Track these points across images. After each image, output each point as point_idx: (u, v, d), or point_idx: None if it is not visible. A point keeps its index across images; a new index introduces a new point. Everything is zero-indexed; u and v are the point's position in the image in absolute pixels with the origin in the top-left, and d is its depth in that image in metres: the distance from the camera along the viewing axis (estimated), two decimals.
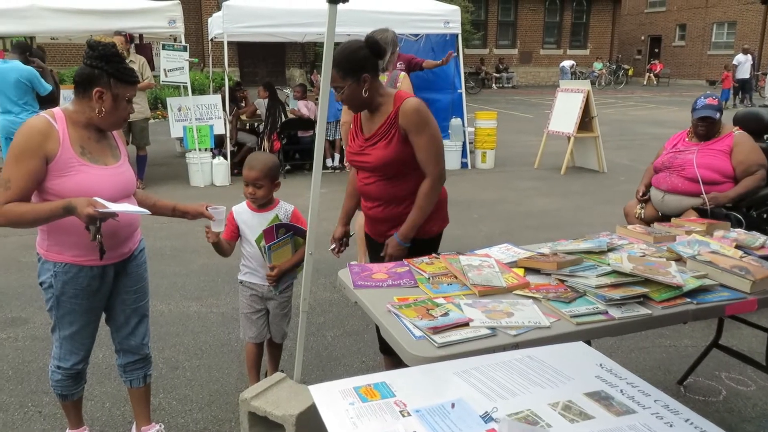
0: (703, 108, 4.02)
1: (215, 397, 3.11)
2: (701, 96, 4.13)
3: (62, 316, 2.34)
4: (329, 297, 4.34)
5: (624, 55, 33.43)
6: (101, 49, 2.14)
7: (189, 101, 8.21)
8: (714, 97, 4.10)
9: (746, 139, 3.98)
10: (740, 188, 3.88)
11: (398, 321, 1.93)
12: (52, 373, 2.48)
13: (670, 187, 4.07)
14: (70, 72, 16.46)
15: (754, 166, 3.88)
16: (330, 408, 1.27)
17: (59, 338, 2.40)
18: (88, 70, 2.14)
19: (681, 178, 4.01)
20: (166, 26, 7.90)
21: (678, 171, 4.04)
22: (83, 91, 2.15)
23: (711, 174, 3.93)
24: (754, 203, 3.95)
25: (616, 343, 3.61)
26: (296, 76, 23.60)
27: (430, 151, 2.54)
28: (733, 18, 29.70)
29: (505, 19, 30.58)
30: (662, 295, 2.07)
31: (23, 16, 7.20)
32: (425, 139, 2.53)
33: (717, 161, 3.94)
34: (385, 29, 4.48)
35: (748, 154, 3.91)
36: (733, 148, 3.95)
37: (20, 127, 2.14)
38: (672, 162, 4.10)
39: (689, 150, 4.07)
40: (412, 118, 2.51)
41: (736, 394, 3.11)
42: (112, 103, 2.16)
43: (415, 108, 2.52)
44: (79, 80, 2.16)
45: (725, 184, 3.93)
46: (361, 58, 2.49)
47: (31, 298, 4.35)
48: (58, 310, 2.33)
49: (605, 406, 1.29)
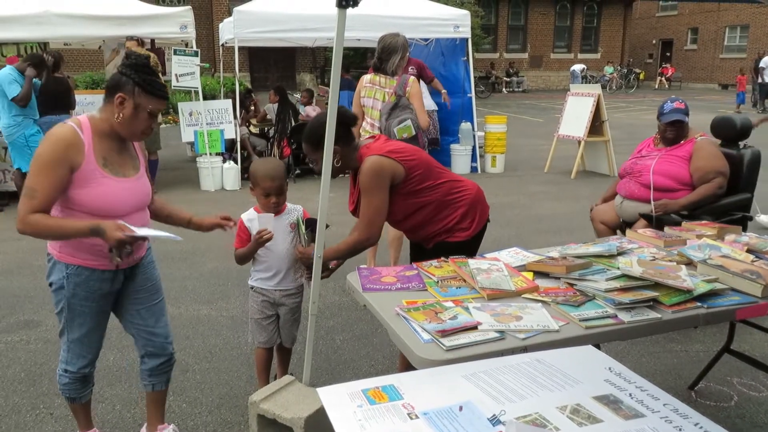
0: (672, 112, 3.90)
1: (225, 400, 3.12)
2: (667, 100, 4.01)
3: (72, 319, 2.34)
4: (338, 300, 4.35)
5: (635, 59, 33.29)
6: (134, 58, 2.20)
7: (200, 106, 8.26)
8: (680, 101, 3.99)
9: (707, 145, 3.84)
10: (693, 196, 3.74)
11: (407, 324, 1.93)
12: (60, 376, 2.49)
13: (627, 193, 4.01)
14: (84, 77, 16.62)
15: (712, 173, 3.73)
16: (338, 410, 1.27)
17: (67, 341, 2.41)
18: (117, 76, 2.18)
19: (638, 185, 3.93)
20: (178, 32, 7.96)
21: (636, 177, 3.96)
22: (109, 96, 2.18)
23: (666, 181, 3.83)
24: (714, 212, 3.74)
25: (626, 348, 3.58)
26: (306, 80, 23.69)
27: (365, 214, 2.71)
28: (746, 21, 29.51)
29: (515, 23, 30.55)
30: (672, 299, 2.06)
31: (37, 22, 7.28)
32: (365, 201, 2.70)
33: (674, 168, 3.84)
34: (395, 34, 4.50)
35: (707, 160, 3.77)
36: (692, 154, 3.82)
37: (47, 135, 2.15)
38: (633, 168, 4.03)
39: (650, 156, 3.99)
40: (361, 179, 2.70)
41: (748, 399, 3.09)
42: (132, 111, 2.17)
43: (365, 170, 2.67)
44: (108, 85, 2.21)
45: (681, 191, 3.81)
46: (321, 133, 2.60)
47: (43, 301, 4.39)
48: (68, 312, 2.33)
49: (614, 409, 1.28)
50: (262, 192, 2.79)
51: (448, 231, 2.76)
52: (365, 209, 2.70)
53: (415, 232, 2.87)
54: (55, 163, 2.09)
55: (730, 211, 3.75)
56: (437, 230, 2.78)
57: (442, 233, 2.77)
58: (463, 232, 2.77)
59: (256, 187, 2.82)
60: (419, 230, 2.83)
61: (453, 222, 2.77)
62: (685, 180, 3.81)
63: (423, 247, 2.89)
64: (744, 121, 4.01)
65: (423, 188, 2.74)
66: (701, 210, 3.75)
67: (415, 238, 2.92)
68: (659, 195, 3.82)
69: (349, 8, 2.48)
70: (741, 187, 3.87)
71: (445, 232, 2.77)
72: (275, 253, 2.83)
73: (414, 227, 2.83)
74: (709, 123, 4.21)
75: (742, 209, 3.81)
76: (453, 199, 2.79)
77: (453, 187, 2.81)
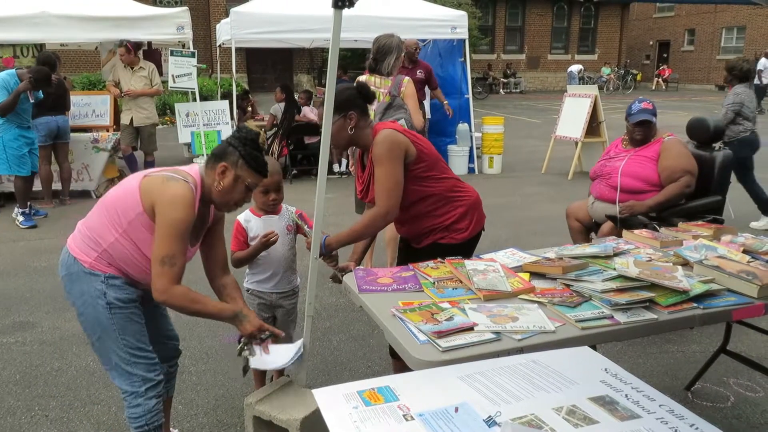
0: (639, 112, 3.85)
1: (221, 402, 3.12)
2: (635, 101, 3.97)
3: (124, 327, 2.16)
4: (335, 301, 4.35)
5: (632, 60, 33.35)
6: (244, 132, 2.22)
7: (197, 107, 8.27)
8: (648, 102, 3.95)
9: (674, 144, 3.81)
10: (660, 196, 3.71)
11: (403, 325, 1.93)
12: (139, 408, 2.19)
13: (598, 195, 3.99)
14: (80, 78, 16.59)
15: (678, 172, 3.69)
16: (333, 412, 1.27)
17: (130, 357, 2.18)
18: (225, 145, 2.19)
19: (607, 186, 3.91)
20: (175, 33, 7.96)
21: (605, 179, 3.95)
22: (213, 163, 2.18)
23: (634, 182, 3.80)
24: (684, 214, 3.68)
25: (623, 349, 3.59)
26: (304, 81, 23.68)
27: (383, 185, 2.60)
28: (742, 23, 29.59)
29: (512, 24, 30.59)
30: (668, 299, 2.06)
31: (34, 23, 7.27)
32: (382, 173, 2.59)
33: (642, 169, 3.81)
34: (390, 34, 4.50)
35: (673, 160, 3.73)
36: (660, 154, 3.79)
37: (175, 198, 2.06)
38: (602, 170, 4.02)
39: (619, 157, 3.96)
40: (377, 150, 2.60)
41: (745, 400, 3.09)
42: (231, 182, 2.16)
43: (381, 140, 2.60)
44: (214, 152, 2.21)
45: (650, 192, 3.77)
46: (347, 97, 2.62)
47: (39, 302, 4.38)
48: (118, 322, 2.15)
49: (610, 410, 1.28)
50: (261, 189, 2.77)
51: (445, 229, 2.74)
52: (383, 180, 2.58)
53: (412, 225, 2.79)
54: (185, 227, 2.07)
55: (701, 213, 3.68)
56: (435, 225, 2.73)
57: (439, 231, 2.73)
58: (459, 234, 2.74)
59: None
60: (418, 222, 2.77)
61: (451, 220, 2.74)
62: (654, 181, 3.78)
63: (413, 248, 2.84)
64: (717, 123, 3.98)
65: (429, 176, 2.70)
66: (670, 212, 3.71)
67: (410, 233, 2.84)
68: (628, 197, 3.79)
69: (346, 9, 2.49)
70: (713, 190, 3.82)
71: (442, 229, 2.74)
72: (272, 255, 2.82)
73: (414, 218, 2.76)
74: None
75: (713, 211, 3.73)
76: (454, 197, 2.77)
77: (456, 186, 2.80)
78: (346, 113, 2.59)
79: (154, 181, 2.12)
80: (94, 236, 2.16)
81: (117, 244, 2.13)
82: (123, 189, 2.18)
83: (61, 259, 2.25)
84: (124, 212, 2.11)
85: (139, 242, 2.12)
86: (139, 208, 2.09)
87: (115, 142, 7.63)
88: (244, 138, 2.19)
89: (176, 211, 2.04)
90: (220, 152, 2.18)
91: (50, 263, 5.21)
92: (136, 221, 2.10)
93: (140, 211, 2.09)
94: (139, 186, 2.11)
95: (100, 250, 2.14)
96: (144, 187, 2.10)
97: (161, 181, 2.11)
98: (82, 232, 2.21)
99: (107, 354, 2.20)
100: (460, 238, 2.74)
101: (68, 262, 2.19)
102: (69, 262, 2.19)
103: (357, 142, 2.71)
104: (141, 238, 2.12)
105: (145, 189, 2.10)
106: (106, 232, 2.13)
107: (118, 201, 2.15)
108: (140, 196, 2.09)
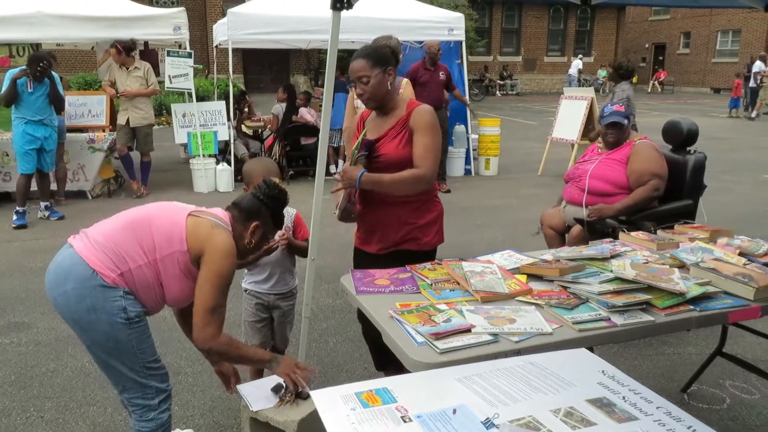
0: (611, 115, 3.84)
1: (217, 403, 3.11)
2: (608, 104, 3.97)
3: (142, 341, 2.12)
4: (332, 303, 4.34)
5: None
6: (276, 191, 2.27)
7: (193, 107, 8.24)
8: (620, 104, 3.95)
9: (644, 148, 3.77)
10: (628, 200, 3.67)
11: (400, 327, 1.93)
12: (147, 421, 2.19)
13: (569, 198, 3.95)
14: (76, 78, 16.54)
15: (647, 175, 3.66)
16: (331, 413, 1.27)
17: (146, 370, 2.15)
18: (257, 203, 2.23)
19: (577, 189, 3.87)
20: (171, 33, 7.94)
21: (576, 182, 3.91)
22: (245, 219, 2.21)
23: (603, 185, 3.77)
24: (655, 218, 3.64)
25: (619, 351, 3.59)
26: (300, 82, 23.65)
27: (431, 151, 2.60)
28: (737, 26, 29.68)
29: (509, 26, 30.62)
30: (665, 302, 2.06)
31: (30, 23, 7.23)
32: (429, 140, 2.60)
33: (612, 172, 3.78)
34: (388, 36, 4.49)
35: (642, 163, 3.70)
36: (630, 157, 3.76)
37: (225, 247, 2.08)
38: (575, 173, 3.98)
39: (592, 160, 3.94)
40: (426, 117, 2.62)
41: (740, 402, 3.10)
42: (260, 239, 2.26)
43: (429, 110, 2.66)
44: (247, 208, 2.23)
45: (619, 195, 3.73)
46: (386, 53, 2.66)
47: (34, 303, 4.37)
48: (138, 337, 2.10)
49: (607, 412, 1.28)
50: None
51: (417, 228, 2.68)
52: (432, 147, 2.59)
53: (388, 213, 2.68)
54: (229, 279, 2.11)
55: (672, 216, 3.60)
56: (411, 222, 2.67)
57: (412, 230, 2.67)
58: (426, 237, 2.69)
59: (253, 183, 2.79)
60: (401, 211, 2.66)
61: (426, 220, 2.70)
62: (622, 183, 3.75)
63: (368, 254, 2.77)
64: (691, 127, 3.93)
65: None
66: (640, 215, 3.67)
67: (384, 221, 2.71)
68: (597, 199, 3.74)
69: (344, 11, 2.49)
70: (685, 193, 3.78)
71: (414, 228, 2.68)
72: (270, 256, 2.82)
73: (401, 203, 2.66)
74: (700, 127, 4.21)
75: (685, 215, 3.64)
76: (431, 200, 2.75)
77: (435, 192, 2.79)
78: (385, 68, 2.60)
79: (203, 225, 2.11)
80: (120, 253, 2.05)
81: (143, 269, 2.07)
82: (166, 218, 2.13)
83: (67, 268, 2.07)
84: (164, 243, 2.08)
85: (166, 275, 2.10)
86: (183, 246, 2.08)
87: (111, 142, 7.60)
88: (276, 198, 2.27)
89: (227, 263, 2.08)
90: (253, 209, 2.22)
91: (45, 263, 5.15)
92: (173, 256, 2.08)
93: (183, 249, 2.08)
94: (186, 224, 2.10)
95: (124, 269, 2.05)
96: (191, 228, 2.09)
97: (210, 226, 2.11)
98: (102, 245, 2.07)
99: (117, 369, 2.12)
100: (426, 241, 2.70)
101: (83, 275, 2.03)
102: (85, 275, 2.03)
103: (390, 98, 2.69)
104: (170, 272, 2.10)
105: (193, 231, 2.09)
106: (136, 254, 2.06)
107: (157, 229, 2.09)
108: (186, 235, 2.08)
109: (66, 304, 2.07)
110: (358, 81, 2.60)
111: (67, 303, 2.06)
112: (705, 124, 16.91)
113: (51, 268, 2.16)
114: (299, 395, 2.27)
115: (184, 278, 2.12)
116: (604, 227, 3.58)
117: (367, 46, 2.70)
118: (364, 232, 2.81)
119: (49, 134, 6.51)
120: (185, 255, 2.08)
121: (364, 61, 2.58)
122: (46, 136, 6.46)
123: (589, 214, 3.70)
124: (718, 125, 16.23)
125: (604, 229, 3.55)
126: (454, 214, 2.64)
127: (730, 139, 13.61)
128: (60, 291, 2.07)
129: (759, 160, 10.67)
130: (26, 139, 6.34)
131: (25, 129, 6.33)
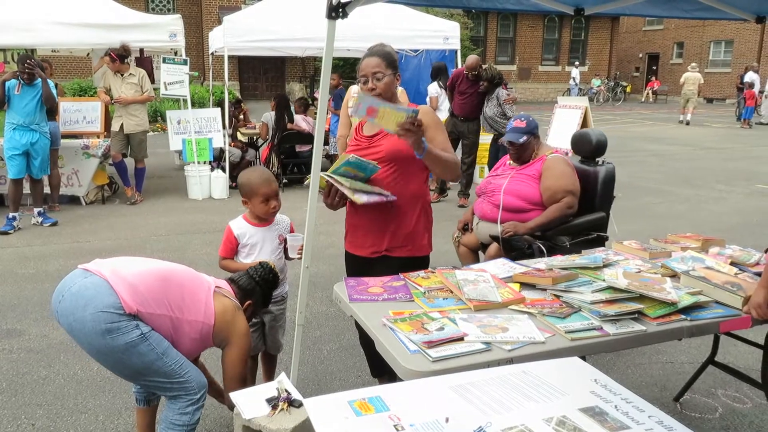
0: (509, 132, 3.73)
1: (209, 411, 3.09)
2: (514, 118, 3.85)
3: (164, 348, 2.22)
4: (326, 311, 4.33)
5: (622, 72, 33.62)
6: (271, 276, 2.60)
7: (188, 114, 8.25)
8: (523, 119, 3.76)
9: (556, 163, 3.64)
10: (542, 218, 3.52)
11: (393, 335, 1.93)
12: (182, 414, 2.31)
13: (481, 214, 3.76)
14: (72, 84, 16.53)
15: (560, 192, 3.53)
16: (324, 422, 1.27)
17: (179, 367, 2.26)
18: (254, 284, 2.55)
19: (490, 205, 3.70)
20: (167, 40, 7.94)
21: (488, 196, 3.74)
22: (243, 297, 2.51)
23: (516, 201, 3.62)
24: (569, 232, 3.57)
25: (612, 360, 3.60)
26: (296, 90, 23.70)
27: (450, 144, 2.70)
28: (730, 36, 29.93)
29: (504, 35, 30.78)
30: (657, 311, 2.07)
31: (25, 29, 7.23)
32: (444, 137, 2.69)
33: (525, 187, 3.63)
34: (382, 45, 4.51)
35: (555, 179, 3.57)
36: (542, 173, 3.62)
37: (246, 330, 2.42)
38: (486, 187, 3.81)
39: (504, 175, 3.78)
40: (432, 116, 2.70)
41: (732, 411, 3.11)
42: (251, 314, 2.57)
43: (432, 110, 2.79)
44: (244, 288, 2.54)
45: (533, 211, 3.59)
46: (396, 59, 2.74)
47: (26, 310, 4.34)
48: (157, 348, 2.20)
49: (599, 421, 1.29)
50: (262, 198, 2.77)
51: (413, 233, 2.70)
52: (448, 142, 2.70)
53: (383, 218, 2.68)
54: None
55: (585, 230, 3.57)
56: (412, 226, 2.69)
57: (410, 234, 2.69)
58: (420, 242, 2.72)
59: (253, 196, 2.78)
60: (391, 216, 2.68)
61: (423, 225, 2.73)
62: (536, 200, 3.61)
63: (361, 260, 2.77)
64: (600, 137, 3.83)
65: (426, 177, 2.78)
66: (555, 230, 3.57)
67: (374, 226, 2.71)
68: (511, 216, 3.60)
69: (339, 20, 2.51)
70: (597, 206, 3.68)
71: (411, 232, 2.69)
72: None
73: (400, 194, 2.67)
74: (694, 136, 4.22)
75: (597, 228, 3.63)
76: (425, 207, 2.78)
77: (428, 199, 2.82)
78: (395, 72, 2.69)
79: (229, 308, 2.39)
80: (147, 296, 2.19)
81: (162, 319, 2.23)
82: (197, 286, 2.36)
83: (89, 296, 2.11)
84: (192, 308, 2.30)
85: (182, 332, 2.28)
86: (210, 321, 2.32)
87: (105, 148, 7.59)
88: (270, 282, 2.59)
89: (248, 341, 2.44)
90: (248, 290, 2.53)
91: (38, 270, 5.17)
92: (197, 323, 2.30)
93: (209, 323, 2.32)
94: (214, 299, 2.36)
95: (146, 312, 2.18)
96: (220, 308, 2.35)
97: (234, 309, 2.41)
98: (131, 283, 2.18)
99: (155, 381, 2.26)
100: (420, 244, 2.73)
101: (107, 302, 2.10)
102: (108, 302, 2.10)
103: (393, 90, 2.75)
104: (187, 332, 2.29)
105: (222, 311, 2.35)
106: (162, 304, 2.22)
107: (188, 293, 2.31)
108: (215, 313, 2.33)
109: (81, 328, 2.12)
110: (372, 77, 2.62)
111: (83, 328, 2.11)
112: (698, 133, 17.03)
113: (66, 294, 2.16)
114: (292, 403, 2.26)
115: (198, 342, 2.35)
116: (520, 244, 3.44)
117: (381, 45, 2.75)
118: (354, 235, 2.82)
119: (36, 139, 6.42)
120: (209, 328, 2.33)
121: (379, 59, 2.64)
122: (33, 141, 6.39)
123: (503, 231, 3.54)
124: (712, 135, 16.33)
125: (522, 247, 3.40)
126: (449, 222, 2.63)
127: (724, 149, 13.70)
128: (77, 316, 2.11)
129: (752, 169, 10.74)
130: (11, 144, 6.32)
131: (12, 134, 6.32)
